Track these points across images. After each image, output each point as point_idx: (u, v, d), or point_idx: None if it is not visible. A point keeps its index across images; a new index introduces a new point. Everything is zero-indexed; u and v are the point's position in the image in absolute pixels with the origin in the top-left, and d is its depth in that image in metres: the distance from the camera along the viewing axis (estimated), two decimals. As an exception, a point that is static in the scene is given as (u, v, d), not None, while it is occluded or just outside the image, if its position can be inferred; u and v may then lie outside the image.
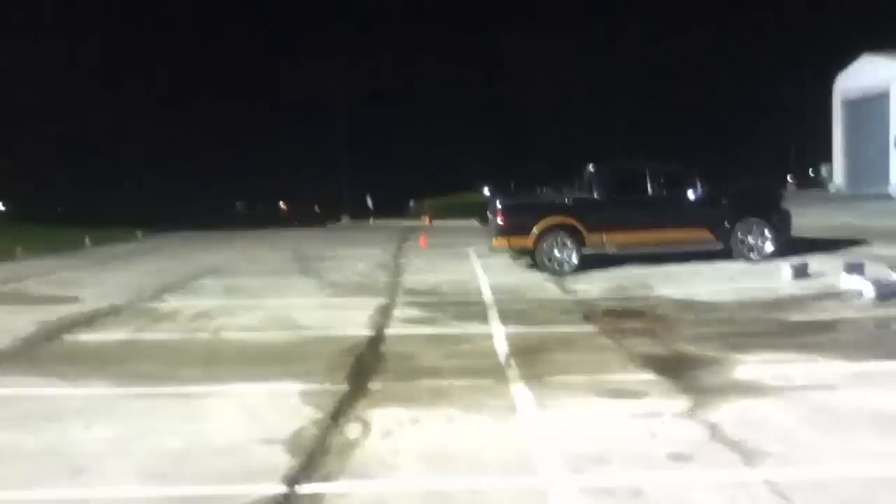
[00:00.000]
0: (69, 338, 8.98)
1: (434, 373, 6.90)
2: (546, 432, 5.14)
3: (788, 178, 48.34)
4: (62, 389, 6.60)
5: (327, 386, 6.51)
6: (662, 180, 14.20)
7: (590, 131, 50.13)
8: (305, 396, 6.18)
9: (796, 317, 9.01)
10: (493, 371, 6.90)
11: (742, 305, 9.95)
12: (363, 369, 7.09)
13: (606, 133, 50.90)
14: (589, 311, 9.98)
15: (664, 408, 5.59)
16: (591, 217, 13.92)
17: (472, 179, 45.96)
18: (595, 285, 12.22)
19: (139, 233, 29.35)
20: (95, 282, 14.50)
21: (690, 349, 7.53)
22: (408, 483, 4.36)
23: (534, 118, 57.26)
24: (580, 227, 13.85)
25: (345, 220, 41.74)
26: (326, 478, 4.43)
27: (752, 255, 13.96)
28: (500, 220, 14.07)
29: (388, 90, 63.65)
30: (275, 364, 7.42)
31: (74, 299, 12.01)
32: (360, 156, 51.54)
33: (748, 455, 4.59)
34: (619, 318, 9.48)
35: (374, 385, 6.54)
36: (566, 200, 14.61)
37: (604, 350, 7.72)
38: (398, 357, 7.60)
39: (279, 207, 79.08)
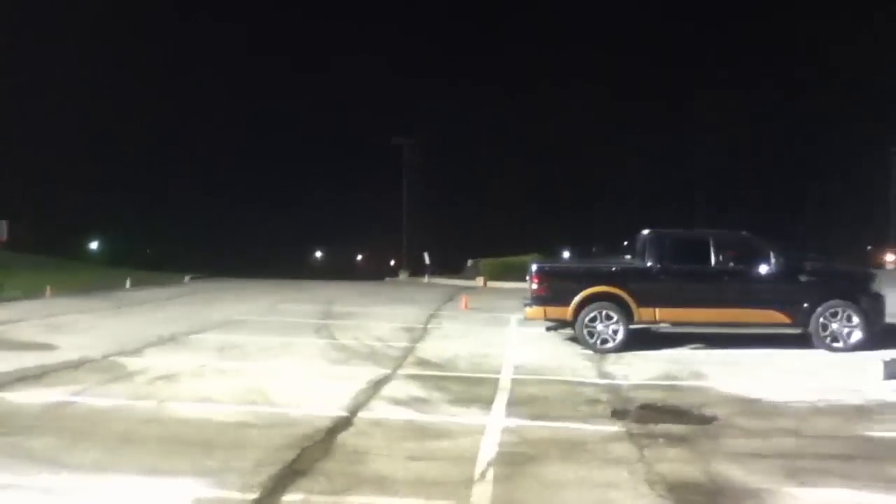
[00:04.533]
0: (-2, 395, 7.68)
1: (380, 484, 5.22)
2: None
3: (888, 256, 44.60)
4: None
5: (233, 494, 4.92)
6: (729, 251, 12.28)
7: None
8: (193, 509, 4.60)
9: (883, 432, 6.95)
10: (457, 489, 5.17)
11: (815, 411, 7.89)
12: (296, 470, 5.47)
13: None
14: (620, 405, 8.12)
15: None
16: (642, 288, 12.05)
17: (549, 243, 43.81)
18: (638, 368, 10.33)
19: (187, 277, 28.71)
20: (90, 328, 13.40)
21: (734, 473, 5.63)
22: None
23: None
24: (629, 299, 11.98)
25: (402, 276, 40.49)
26: None
27: (835, 344, 11.77)
28: (534, 286, 12.30)
29: (460, 147, 63.53)
30: (193, 454, 5.86)
31: (50, 347, 10.85)
32: (428, 212, 50.69)
33: None
34: (655, 416, 7.58)
35: (292, 497, 4.91)
36: (613, 268, 12.72)
37: (619, 464, 5.88)
38: (350, 455, 5.94)
39: (355, 260, 79.22)
